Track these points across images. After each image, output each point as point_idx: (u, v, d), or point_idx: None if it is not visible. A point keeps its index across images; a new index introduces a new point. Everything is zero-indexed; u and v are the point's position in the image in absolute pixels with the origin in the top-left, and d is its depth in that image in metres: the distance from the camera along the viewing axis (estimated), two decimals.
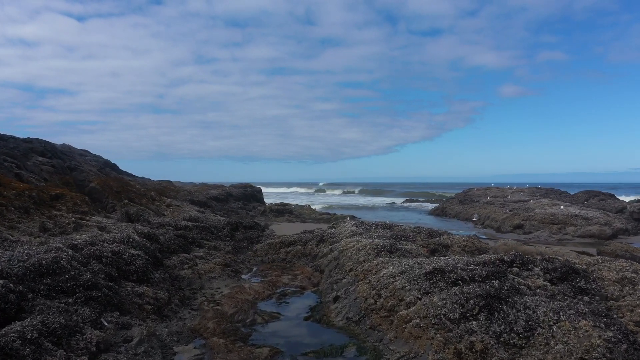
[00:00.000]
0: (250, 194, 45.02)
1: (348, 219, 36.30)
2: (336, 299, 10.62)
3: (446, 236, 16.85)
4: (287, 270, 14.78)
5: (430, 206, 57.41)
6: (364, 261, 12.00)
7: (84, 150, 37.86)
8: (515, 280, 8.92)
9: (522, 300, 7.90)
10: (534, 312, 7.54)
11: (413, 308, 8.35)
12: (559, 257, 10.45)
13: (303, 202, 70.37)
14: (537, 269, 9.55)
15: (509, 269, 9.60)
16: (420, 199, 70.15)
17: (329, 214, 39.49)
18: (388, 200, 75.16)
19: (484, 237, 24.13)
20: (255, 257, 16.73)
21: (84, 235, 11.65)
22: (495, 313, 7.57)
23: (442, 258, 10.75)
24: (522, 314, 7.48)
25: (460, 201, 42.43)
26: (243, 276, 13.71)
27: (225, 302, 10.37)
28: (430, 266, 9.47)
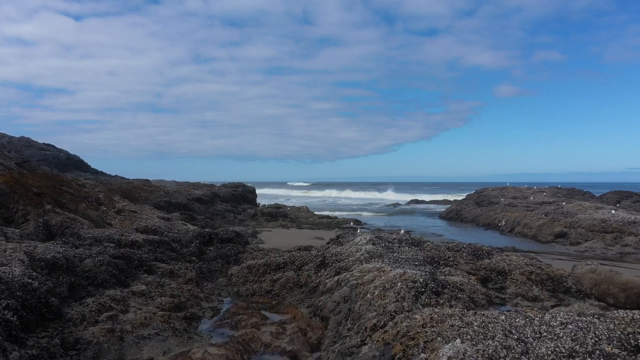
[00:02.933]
0: (240, 195, 40.10)
1: (352, 223, 31.32)
2: None
3: (498, 257, 12.01)
4: (273, 311, 9.95)
5: (438, 208, 52.57)
6: (396, 312, 7.15)
7: (47, 145, 32.93)
8: None
9: None
10: None
11: None
12: None
13: (300, 202, 65.46)
14: None
15: None
16: (426, 200, 65.39)
17: (328, 217, 34.62)
18: (390, 200, 70.30)
19: (526, 250, 19.31)
20: (230, 286, 11.86)
21: None
22: None
23: (558, 322, 5.80)
24: None
25: (477, 203, 37.63)
26: (202, 326, 8.84)
27: None
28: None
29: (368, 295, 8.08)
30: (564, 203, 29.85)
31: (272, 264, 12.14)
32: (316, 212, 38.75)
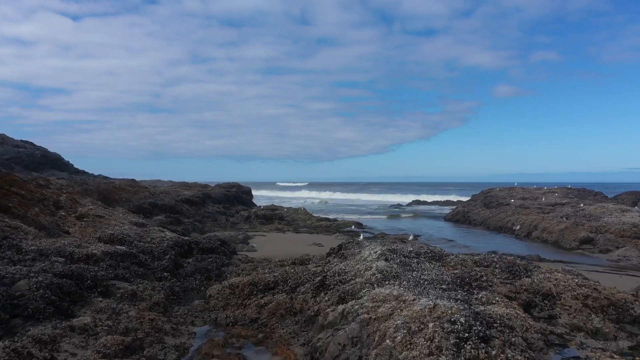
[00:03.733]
0: (234, 196, 37.76)
1: (353, 227, 28.94)
2: None
3: (539, 274, 9.72)
4: (259, 346, 7.69)
5: (441, 209, 50.26)
6: None
7: (25, 142, 30.53)
8: None
9: None
10: None
11: None
12: None
13: (298, 203, 63.13)
14: None
15: None
16: (428, 201, 63.15)
17: (328, 219, 32.30)
18: (391, 200, 67.99)
19: (552, 260, 17.03)
20: (207, 311, 9.55)
21: None
22: None
23: None
24: None
25: (485, 204, 35.37)
26: None
27: None
28: None
29: (387, 340, 5.77)
30: (582, 205, 27.61)
31: (260, 283, 9.83)
32: (315, 215, 36.48)
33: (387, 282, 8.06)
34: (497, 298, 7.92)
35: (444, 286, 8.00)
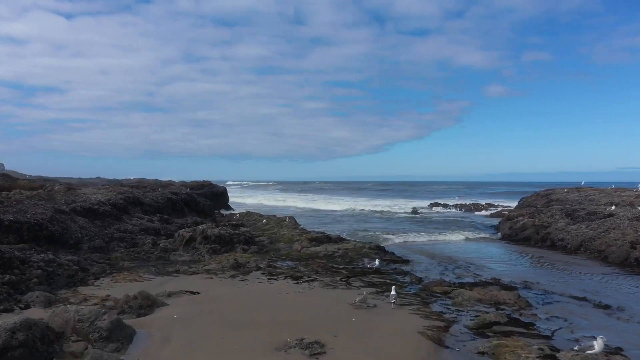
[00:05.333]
0: (187, 201, 25.32)
1: (376, 263, 15.39)
2: None
3: None
4: None
5: (472, 216, 37.93)
6: None
7: None
8: None
9: None
10: None
11: None
12: None
13: (287, 206, 50.92)
14: None
15: None
16: (450, 204, 51.13)
17: (328, 236, 19.92)
18: (402, 204, 55.87)
19: None
20: None
21: None
22: None
23: None
24: None
25: (568, 214, 23.26)
26: None
27: None
28: None
29: None
30: None
31: None
32: (307, 228, 24.21)
33: None
34: None
35: None
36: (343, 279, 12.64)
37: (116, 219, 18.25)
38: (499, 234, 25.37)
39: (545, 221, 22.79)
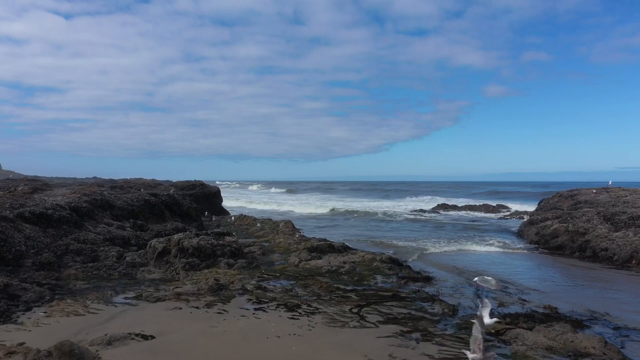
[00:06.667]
0: (168, 204, 22.17)
1: (394, 280, 12.19)
2: None
3: None
4: None
5: (476, 217, 34.71)
6: None
7: None
8: None
9: None
10: None
11: None
12: None
13: (284, 208, 47.79)
14: None
15: None
16: (459, 205, 48.09)
17: (331, 245, 16.89)
18: (405, 205, 52.74)
19: None
20: None
21: None
22: None
23: None
24: None
25: (607, 219, 20.21)
26: None
27: None
28: None
29: None
30: None
31: None
32: (305, 233, 21.16)
33: None
34: None
35: None
36: (354, 310, 9.56)
37: (76, 227, 15.12)
38: (524, 241, 22.32)
39: (581, 227, 19.71)
